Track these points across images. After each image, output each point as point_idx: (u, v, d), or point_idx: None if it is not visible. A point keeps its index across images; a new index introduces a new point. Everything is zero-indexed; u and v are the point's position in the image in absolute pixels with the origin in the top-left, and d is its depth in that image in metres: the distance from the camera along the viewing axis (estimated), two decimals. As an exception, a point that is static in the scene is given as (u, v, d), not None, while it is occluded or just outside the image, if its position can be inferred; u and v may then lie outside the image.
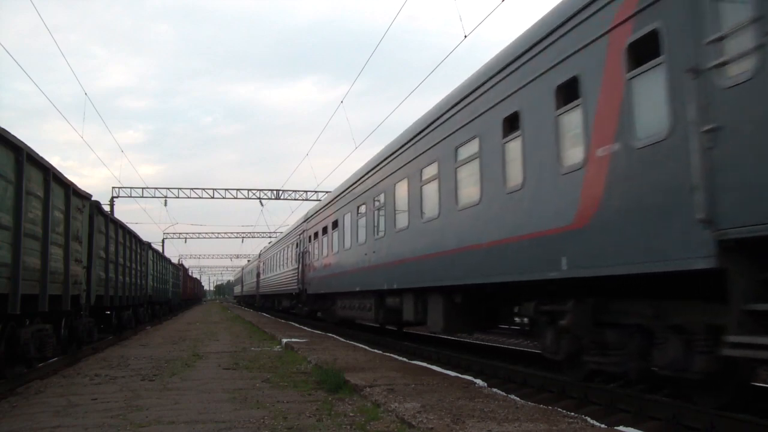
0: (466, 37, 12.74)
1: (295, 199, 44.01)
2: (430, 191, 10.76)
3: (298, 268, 24.92)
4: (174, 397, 7.39)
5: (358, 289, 15.47)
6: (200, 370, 9.99)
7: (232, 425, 5.70)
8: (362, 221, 15.44)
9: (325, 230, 20.24)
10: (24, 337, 8.79)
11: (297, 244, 25.97)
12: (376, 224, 14.21)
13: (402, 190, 12.32)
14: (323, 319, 23.21)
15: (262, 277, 42.96)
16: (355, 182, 16.40)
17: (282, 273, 31.15)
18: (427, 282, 10.80)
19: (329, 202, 19.95)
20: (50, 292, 9.36)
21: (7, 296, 7.83)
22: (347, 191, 17.32)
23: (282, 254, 31.64)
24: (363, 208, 15.36)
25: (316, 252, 21.58)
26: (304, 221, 24.61)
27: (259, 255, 46.87)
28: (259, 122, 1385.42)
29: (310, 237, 23.08)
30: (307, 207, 38.30)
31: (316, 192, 42.82)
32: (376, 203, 14.13)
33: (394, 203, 12.81)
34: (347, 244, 16.89)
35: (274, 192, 43.23)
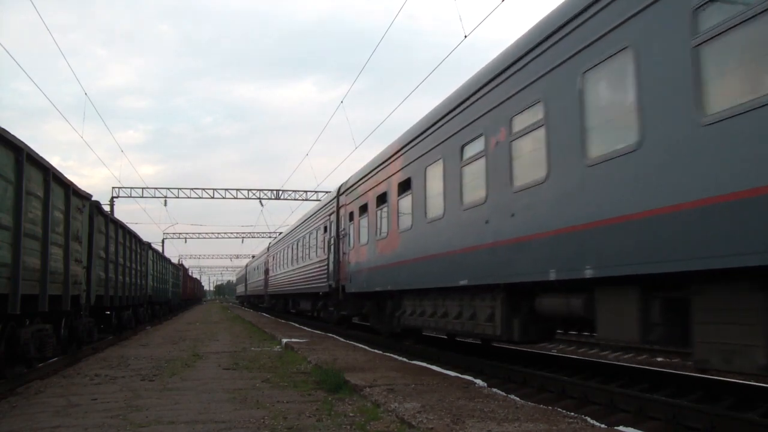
0: (466, 37, 12.76)
1: (295, 199, 44.22)
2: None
3: (327, 258, 19.81)
4: (174, 397, 7.39)
5: (463, 283, 9.59)
6: (200, 370, 9.99)
7: (231, 425, 5.70)
8: (472, 169, 9.48)
9: (382, 199, 14.12)
10: (24, 337, 8.80)
11: (325, 228, 20.73)
12: (514, 166, 8.27)
13: (603, 85, 6.58)
14: (374, 330, 17.01)
15: (271, 274, 37.32)
16: (459, 106, 10.01)
17: (302, 267, 25.26)
18: (710, 259, 4.96)
19: (393, 155, 13.42)
20: (50, 292, 9.36)
21: (7, 296, 7.83)
22: (435, 128, 11.02)
23: (301, 244, 25.83)
24: (474, 147, 9.42)
25: (365, 234, 15.55)
26: (339, 195, 18.80)
27: (268, 248, 41.43)
28: (259, 122, 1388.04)
29: (351, 214, 17.07)
30: (307, 207, 37.39)
31: (316, 192, 42.98)
32: (518, 126, 8.18)
33: (582, 114, 6.78)
34: (434, 212, 10.84)
35: (274, 192, 43.38)
